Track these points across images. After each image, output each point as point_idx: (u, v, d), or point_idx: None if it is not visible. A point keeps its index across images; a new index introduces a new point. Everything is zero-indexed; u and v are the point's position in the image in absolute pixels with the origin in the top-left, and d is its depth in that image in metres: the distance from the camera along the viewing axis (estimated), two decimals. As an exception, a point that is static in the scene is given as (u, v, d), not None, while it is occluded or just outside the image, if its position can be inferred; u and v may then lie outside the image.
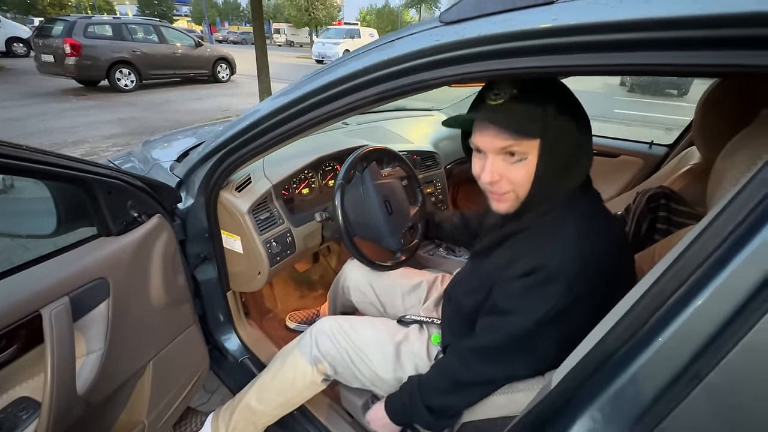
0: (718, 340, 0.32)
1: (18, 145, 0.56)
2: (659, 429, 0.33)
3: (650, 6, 0.38)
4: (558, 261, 0.60)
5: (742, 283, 0.31)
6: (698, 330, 0.33)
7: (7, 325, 0.57)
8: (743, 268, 0.31)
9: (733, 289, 0.31)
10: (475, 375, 0.71)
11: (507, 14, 0.48)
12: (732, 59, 0.35)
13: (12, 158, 0.55)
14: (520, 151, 0.60)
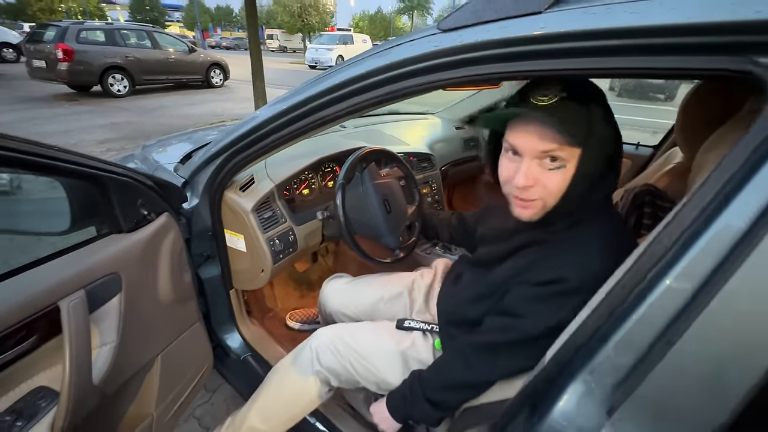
0: (685, 311, 0.36)
1: (40, 143, 0.59)
2: (640, 392, 0.38)
3: (627, 17, 0.43)
4: (578, 276, 0.60)
5: (703, 265, 0.35)
6: (668, 304, 0.37)
7: (27, 316, 0.59)
8: (702, 253, 0.36)
9: (697, 269, 0.36)
10: (474, 373, 0.73)
11: (501, 22, 0.53)
12: (697, 64, 0.40)
13: (34, 155, 0.58)
14: (561, 157, 0.59)
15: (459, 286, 0.88)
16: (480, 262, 0.83)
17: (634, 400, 0.38)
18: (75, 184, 0.72)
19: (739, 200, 0.35)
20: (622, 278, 0.42)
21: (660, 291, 0.38)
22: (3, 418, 0.58)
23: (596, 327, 0.43)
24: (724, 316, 0.34)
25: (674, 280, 0.37)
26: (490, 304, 0.74)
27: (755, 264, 0.33)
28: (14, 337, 0.59)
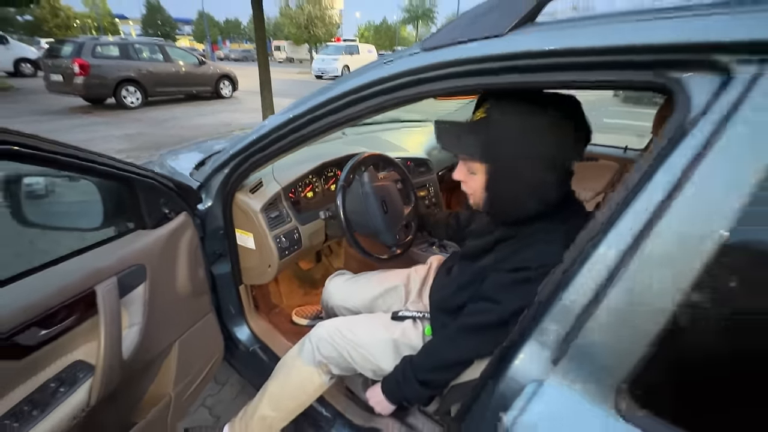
0: (605, 282, 0.45)
1: (83, 149, 0.70)
2: (576, 342, 0.46)
3: (572, 40, 0.52)
4: (540, 264, 0.68)
5: (616, 249, 0.44)
6: (593, 278, 0.46)
7: (69, 297, 0.69)
8: (615, 240, 0.45)
9: (609, 255, 0.45)
10: (460, 352, 0.81)
11: (471, 43, 0.62)
12: (621, 77, 0.49)
13: (81, 159, 0.68)
14: (470, 166, 0.74)
15: (449, 278, 0.97)
16: (467, 254, 0.92)
17: (572, 349, 0.46)
18: (108, 186, 0.82)
19: (647, 194, 0.44)
20: (566, 262, 0.50)
21: (588, 266, 0.47)
22: (49, 384, 0.68)
23: (546, 298, 0.51)
24: (631, 284, 0.43)
25: (597, 259, 0.46)
26: (472, 291, 0.83)
27: (653, 246, 0.42)
28: (58, 315, 0.69)
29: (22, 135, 0.60)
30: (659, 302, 0.41)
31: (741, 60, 0.41)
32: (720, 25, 0.43)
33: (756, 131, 0.39)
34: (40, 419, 0.64)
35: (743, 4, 0.43)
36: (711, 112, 0.42)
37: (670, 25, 0.46)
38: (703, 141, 0.42)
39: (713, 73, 0.44)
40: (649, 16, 0.48)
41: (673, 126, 0.45)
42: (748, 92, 0.40)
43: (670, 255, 0.41)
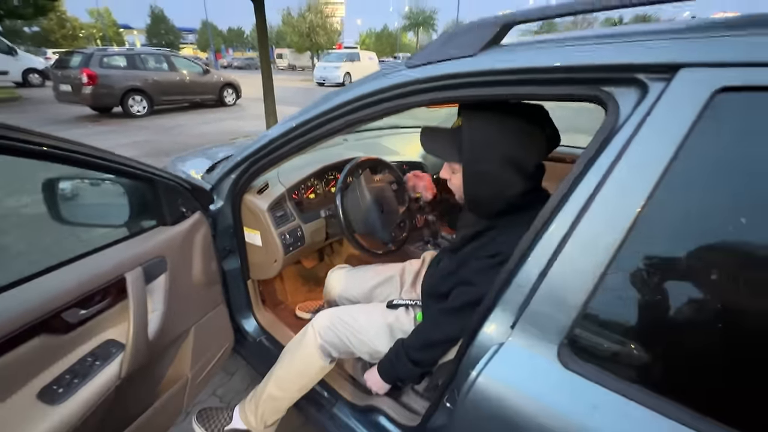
0: (550, 257, 0.55)
1: (117, 154, 0.81)
2: (527, 310, 0.56)
3: (530, 59, 0.63)
4: (510, 250, 0.74)
5: (558, 233, 0.55)
6: (542, 254, 0.56)
7: (104, 283, 0.80)
8: (557, 228, 0.55)
9: (554, 238, 0.55)
10: (445, 331, 0.91)
11: (445, 62, 0.73)
12: (566, 90, 0.60)
13: (115, 162, 0.80)
14: (451, 166, 0.87)
15: (438, 268, 1.07)
16: (454, 246, 1.02)
17: (524, 315, 0.56)
18: (133, 187, 0.94)
19: (582, 185, 0.54)
20: (522, 244, 0.61)
21: (538, 247, 0.57)
22: (86, 358, 0.79)
23: (506, 276, 0.62)
24: (567, 262, 0.53)
25: (542, 245, 0.57)
26: (456, 279, 0.93)
27: (584, 230, 0.52)
28: (95, 298, 0.80)
29: (67, 141, 0.72)
30: (587, 277, 0.51)
31: (653, 77, 0.52)
32: (640, 50, 0.53)
33: (660, 130, 0.49)
34: (80, 386, 0.74)
35: (657, 33, 0.53)
36: (632, 117, 0.53)
37: (603, 49, 0.57)
38: (625, 141, 0.52)
39: (635, 87, 0.54)
40: (589, 41, 0.59)
41: (605, 130, 0.56)
42: (657, 101, 0.51)
43: (596, 236, 0.52)
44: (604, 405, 0.49)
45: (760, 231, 0.44)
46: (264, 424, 1.14)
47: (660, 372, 0.49)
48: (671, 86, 0.50)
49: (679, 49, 0.50)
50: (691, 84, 0.49)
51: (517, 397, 0.54)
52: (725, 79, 0.46)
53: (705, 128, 0.47)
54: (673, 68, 0.50)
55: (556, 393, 0.52)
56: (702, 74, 0.48)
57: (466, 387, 0.59)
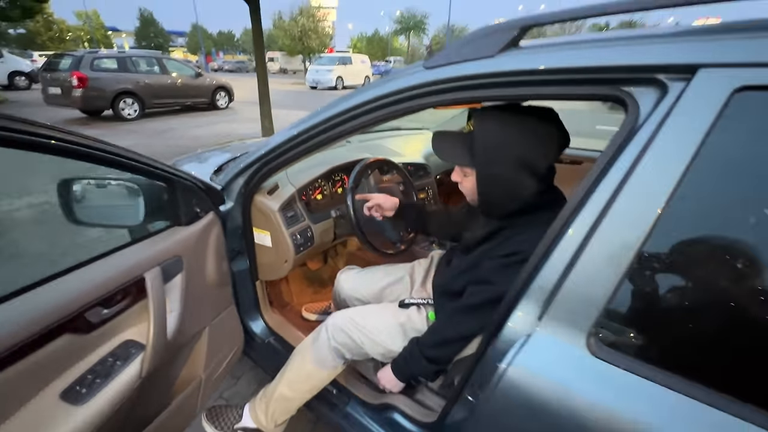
0: (573, 256, 0.57)
1: (139, 153, 0.81)
2: (554, 301, 0.58)
3: (550, 60, 0.65)
4: (529, 249, 0.75)
5: (581, 231, 0.57)
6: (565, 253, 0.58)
7: (123, 282, 0.80)
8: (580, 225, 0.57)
9: (576, 236, 0.57)
10: (461, 329, 0.92)
11: (465, 63, 0.75)
12: (586, 90, 0.62)
13: (134, 160, 0.80)
14: (463, 170, 0.88)
15: (449, 267, 1.09)
16: (464, 246, 1.03)
17: (552, 308, 0.58)
18: (149, 187, 0.93)
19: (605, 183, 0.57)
20: (545, 241, 0.63)
21: (561, 243, 0.59)
22: (107, 358, 0.78)
23: (530, 271, 0.64)
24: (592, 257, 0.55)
25: (566, 242, 0.59)
26: (468, 277, 0.94)
27: (608, 225, 0.55)
28: (115, 297, 0.79)
29: (91, 139, 0.72)
30: (614, 270, 0.53)
31: (673, 78, 0.55)
32: (660, 51, 0.56)
33: (681, 129, 0.52)
34: (102, 387, 0.74)
35: (676, 35, 0.56)
36: (653, 116, 0.55)
37: (623, 50, 0.59)
38: (646, 139, 0.55)
39: (655, 87, 0.57)
40: (607, 43, 0.62)
41: (625, 129, 0.58)
42: (677, 101, 0.53)
43: (620, 233, 0.54)
44: (634, 390, 0.51)
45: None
46: (274, 423, 1.14)
47: (686, 357, 0.51)
48: (691, 86, 0.52)
49: (698, 50, 0.52)
50: (710, 84, 0.51)
51: (547, 385, 0.56)
52: (743, 78, 0.48)
53: (725, 127, 0.49)
54: (693, 69, 0.52)
55: (586, 380, 0.54)
56: (721, 74, 0.50)
57: (495, 378, 0.61)
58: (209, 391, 1.13)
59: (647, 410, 0.50)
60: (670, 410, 0.49)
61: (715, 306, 0.51)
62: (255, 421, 1.15)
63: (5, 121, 0.58)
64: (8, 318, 0.62)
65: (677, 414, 0.48)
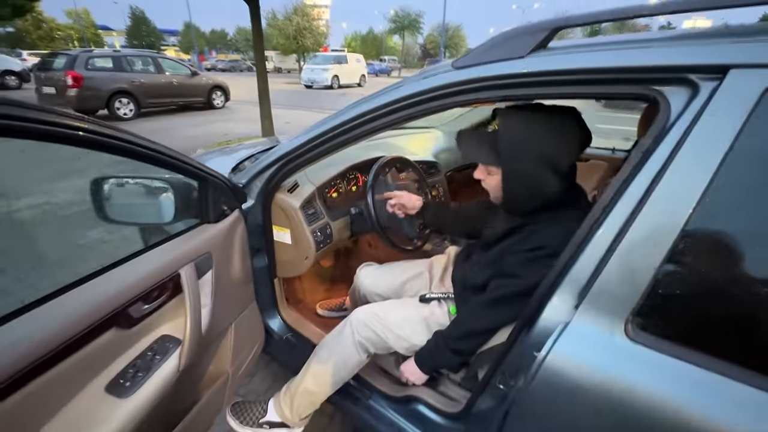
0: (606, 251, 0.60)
1: (176, 151, 0.83)
2: (591, 291, 0.61)
3: (580, 60, 0.68)
4: (555, 243, 0.80)
5: (615, 225, 0.60)
6: (598, 247, 0.61)
7: (161, 279, 0.82)
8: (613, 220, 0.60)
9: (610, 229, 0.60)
10: (484, 322, 0.95)
11: (496, 63, 0.78)
12: (617, 90, 0.65)
13: (170, 157, 0.81)
14: (487, 168, 0.90)
15: (469, 262, 1.12)
16: (485, 241, 1.06)
17: (589, 297, 0.61)
18: (180, 184, 0.95)
19: (639, 178, 0.60)
20: (579, 234, 0.66)
21: (596, 236, 0.62)
22: (146, 353, 0.80)
23: (564, 264, 0.66)
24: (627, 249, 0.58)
25: (601, 234, 0.62)
26: (492, 271, 0.97)
27: (643, 219, 0.58)
28: (152, 294, 0.81)
29: (135, 135, 0.74)
30: (649, 261, 0.56)
31: (704, 78, 0.58)
32: (691, 51, 0.59)
33: (713, 127, 0.55)
34: (145, 380, 0.76)
35: (706, 36, 0.59)
36: (685, 115, 0.58)
37: (654, 51, 0.62)
38: (679, 137, 0.58)
39: (686, 87, 0.60)
40: (638, 44, 0.65)
41: (657, 127, 0.61)
42: (709, 101, 0.56)
43: (655, 226, 0.57)
44: (672, 373, 0.54)
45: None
46: (299, 416, 1.17)
47: (721, 339, 0.54)
48: (722, 86, 0.55)
49: (729, 52, 0.56)
50: (741, 84, 0.54)
51: (587, 370, 0.59)
52: (774, 79, 0.52)
53: (756, 125, 0.53)
54: (724, 69, 0.56)
55: (625, 363, 0.57)
56: (752, 74, 0.53)
57: (534, 366, 0.64)
58: (235, 387, 1.15)
59: (686, 392, 0.53)
60: (709, 391, 0.52)
61: (744, 293, 0.54)
62: (280, 416, 1.17)
63: (32, 111, 0.56)
64: (60, 313, 0.63)
65: (716, 394, 0.51)
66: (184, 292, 0.85)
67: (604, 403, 0.58)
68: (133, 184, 1.00)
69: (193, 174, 0.90)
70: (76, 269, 0.73)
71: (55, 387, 0.63)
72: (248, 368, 1.21)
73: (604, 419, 0.59)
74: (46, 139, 0.59)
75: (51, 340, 0.60)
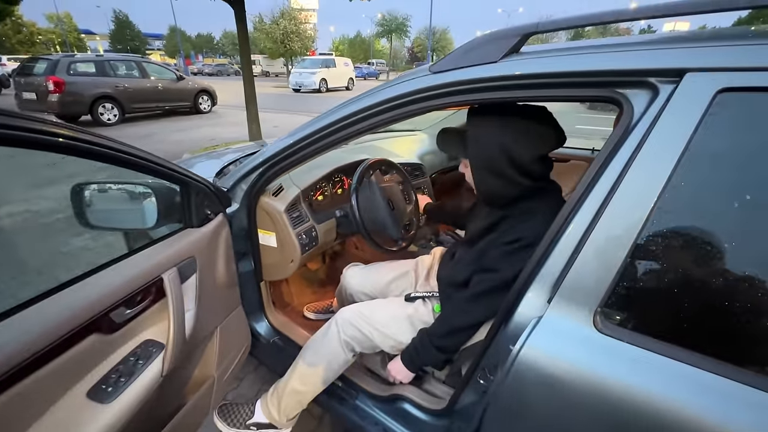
0: (578, 242, 0.63)
1: (159, 156, 0.83)
2: (562, 286, 0.63)
3: (549, 65, 0.71)
4: (532, 235, 0.84)
5: (584, 220, 0.63)
6: (571, 239, 0.64)
7: (144, 283, 0.82)
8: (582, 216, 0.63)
9: (580, 224, 0.63)
10: (467, 318, 0.97)
11: (471, 68, 0.80)
12: (584, 93, 0.68)
13: (152, 162, 0.82)
14: (464, 162, 0.98)
15: (454, 260, 1.14)
16: (469, 238, 1.09)
17: (560, 291, 0.64)
18: (163, 189, 0.95)
19: (604, 177, 0.63)
20: (551, 230, 0.68)
21: (567, 232, 0.65)
22: (129, 358, 0.80)
23: (538, 258, 0.69)
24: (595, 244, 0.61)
25: (571, 230, 0.64)
26: (474, 267, 1.00)
27: (609, 215, 0.60)
28: (135, 299, 0.81)
29: (116, 141, 0.74)
30: (614, 256, 0.59)
31: (663, 81, 0.61)
32: (651, 56, 0.62)
33: (671, 127, 0.58)
34: (127, 385, 0.76)
35: (665, 42, 0.63)
36: (646, 116, 0.62)
37: (618, 56, 0.66)
38: (641, 137, 0.61)
39: (647, 89, 0.63)
40: (602, 49, 0.68)
41: (621, 127, 0.64)
42: (668, 102, 0.59)
43: (620, 222, 0.60)
44: (638, 362, 0.57)
45: (758, 214, 0.53)
46: (286, 417, 1.17)
47: (682, 329, 0.57)
48: (679, 88, 0.59)
49: (686, 56, 0.59)
50: (696, 86, 0.57)
51: (559, 362, 0.61)
52: (725, 81, 0.55)
53: (709, 124, 0.56)
54: (681, 73, 0.59)
55: (594, 355, 0.59)
56: (706, 78, 0.57)
57: (509, 360, 0.66)
58: (221, 391, 1.15)
59: (650, 379, 0.56)
60: (673, 378, 0.55)
61: (704, 283, 0.57)
62: (267, 416, 1.17)
63: (12, 119, 0.56)
64: (41, 319, 0.63)
65: (679, 381, 0.54)
66: (167, 297, 0.85)
67: (575, 394, 0.60)
68: (115, 190, 1.00)
69: (175, 178, 0.90)
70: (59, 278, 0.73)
71: (36, 393, 0.63)
72: (234, 372, 1.21)
73: (575, 410, 0.61)
74: (26, 146, 0.59)
75: (31, 346, 0.60)
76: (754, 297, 0.52)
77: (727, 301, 0.54)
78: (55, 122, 0.65)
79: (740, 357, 0.52)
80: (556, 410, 0.64)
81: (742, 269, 0.54)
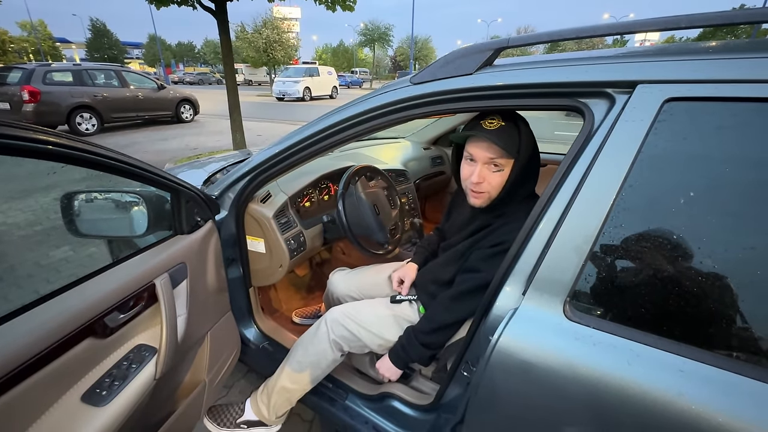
0: (549, 238, 0.69)
1: (151, 165, 0.86)
2: (535, 278, 0.69)
3: (518, 77, 0.78)
4: (513, 238, 0.85)
5: (552, 221, 0.69)
6: (542, 236, 0.70)
7: (136, 289, 0.84)
8: (550, 217, 0.69)
9: (554, 215, 0.69)
10: (452, 314, 1.02)
11: (448, 79, 0.86)
12: (550, 102, 0.75)
13: (143, 170, 0.84)
14: (500, 163, 0.93)
15: (436, 260, 1.19)
16: (452, 242, 1.14)
17: (534, 282, 0.69)
18: (152, 197, 0.97)
19: (569, 180, 0.69)
20: (525, 228, 0.74)
21: (539, 229, 0.71)
22: (122, 362, 0.81)
23: (514, 255, 0.75)
24: (562, 240, 0.67)
25: (542, 228, 0.70)
26: (456, 267, 1.05)
27: (574, 214, 0.67)
28: (128, 304, 0.83)
29: (108, 149, 0.76)
30: (580, 250, 0.65)
31: (618, 91, 0.68)
32: (608, 69, 0.69)
33: (626, 133, 0.65)
34: (121, 389, 0.77)
35: (620, 57, 0.70)
36: (604, 123, 0.68)
37: (580, 69, 0.72)
38: (600, 142, 0.67)
39: (605, 99, 0.70)
40: (566, 62, 0.75)
41: (584, 134, 0.71)
42: (622, 111, 0.66)
43: (583, 220, 0.66)
44: (603, 344, 0.62)
45: (701, 209, 0.60)
46: (275, 414, 1.20)
47: (644, 314, 0.63)
48: (632, 98, 0.66)
49: (637, 69, 0.66)
50: (646, 96, 0.64)
51: (533, 349, 0.66)
52: (671, 92, 0.62)
53: (659, 130, 0.63)
54: (633, 84, 0.66)
55: (565, 340, 0.64)
56: (654, 89, 0.64)
57: (489, 350, 0.71)
58: (212, 395, 1.16)
59: (614, 360, 0.61)
60: (638, 360, 0.60)
61: (658, 271, 0.64)
62: (257, 414, 1.19)
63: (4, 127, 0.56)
64: (37, 323, 0.65)
65: (637, 360, 0.60)
66: (159, 302, 0.87)
67: (548, 378, 0.65)
68: (104, 198, 1.02)
69: (166, 186, 0.93)
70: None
71: (31, 397, 0.64)
72: (225, 377, 1.23)
73: (549, 392, 0.66)
74: (16, 153, 0.61)
75: (26, 351, 0.62)
76: (699, 281, 0.58)
77: (677, 287, 0.61)
78: (46, 130, 0.66)
79: (691, 336, 0.59)
80: (532, 394, 0.69)
81: (690, 257, 0.61)
